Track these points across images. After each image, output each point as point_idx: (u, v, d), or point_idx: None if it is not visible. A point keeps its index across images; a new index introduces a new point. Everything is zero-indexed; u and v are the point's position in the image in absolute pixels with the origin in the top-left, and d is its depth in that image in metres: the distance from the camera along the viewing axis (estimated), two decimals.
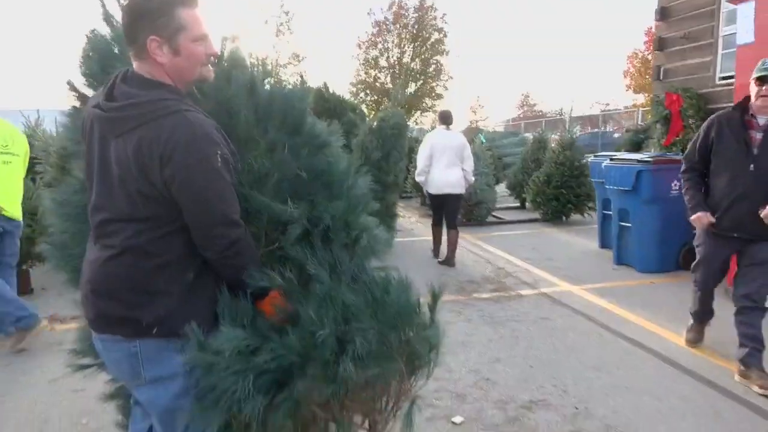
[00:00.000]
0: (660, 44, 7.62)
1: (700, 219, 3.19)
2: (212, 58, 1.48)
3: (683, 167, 3.38)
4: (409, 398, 1.61)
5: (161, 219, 1.40)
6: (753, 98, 3.05)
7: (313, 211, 1.51)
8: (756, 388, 2.95)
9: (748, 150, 3.04)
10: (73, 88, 1.74)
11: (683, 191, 3.35)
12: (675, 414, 2.80)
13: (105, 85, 1.47)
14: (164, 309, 1.41)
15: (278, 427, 1.30)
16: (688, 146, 3.39)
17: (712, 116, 3.25)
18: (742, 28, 4.53)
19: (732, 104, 3.33)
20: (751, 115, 3.07)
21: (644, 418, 2.76)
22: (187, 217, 1.39)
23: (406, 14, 25.77)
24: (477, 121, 30.67)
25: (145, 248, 1.40)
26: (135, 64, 1.44)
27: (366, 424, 1.61)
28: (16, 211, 3.89)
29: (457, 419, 2.76)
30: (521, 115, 42.63)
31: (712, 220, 3.14)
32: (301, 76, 15.65)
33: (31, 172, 6.11)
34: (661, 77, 7.63)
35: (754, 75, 3.03)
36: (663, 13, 7.50)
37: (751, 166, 3.02)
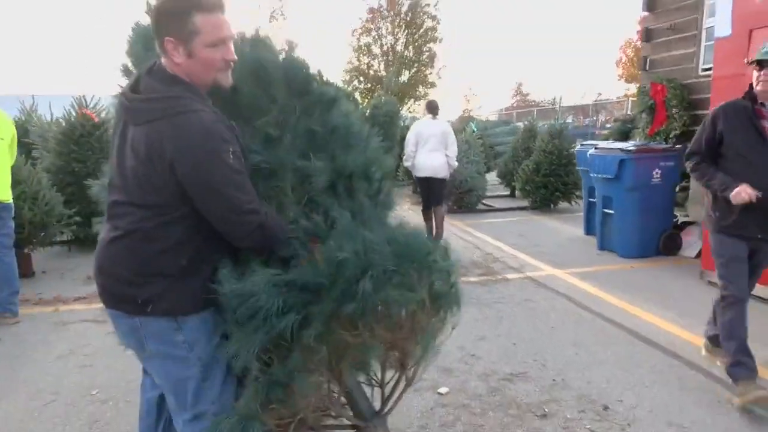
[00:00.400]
0: (647, 35, 7.78)
1: (746, 190, 2.68)
2: (231, 63, 1.51)
3: (693, 162, 2.98)
4: (436, 339, 1.71)
5: (166, 207, 1.47)
6: (754, 84, 2.78)
7: (334, 163, 1.62)
8: (719, 363, 3.17)
9: (764, 142, 2.76)
10: (126, 71, 1.85)
11: (704, 181, 2.90)
12: (643, 384, 3.02)
13: (134, 75, 1.59)
14: (158, 289, 1.51)
15: (313, 351, 1.44)
16: (691, 142, 3.03)
17: (717, 107, 2.94)
18: (721, 20, 4.71)
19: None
20: (761, 103, 2.79)
21: (615, 388, 2.98)
22: (206, 212, 1.47)
23: (400, 0, 25.71)
24: (470, 110, 30.78)
25: (148, 233, 1.49)
26: (161, 59, 1.52)
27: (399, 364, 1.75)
28: (3, 194, 3.92)
29: (443, 390, 2.97)
30: (514, 104, 42.73)
31: (758, 193, 2.68)
32: None
33: (30, 158, 6.23)
34: (648, 68, 7.79)
35: (754, 58, 2.79)
36: (650, 5, 7.65)
37: None
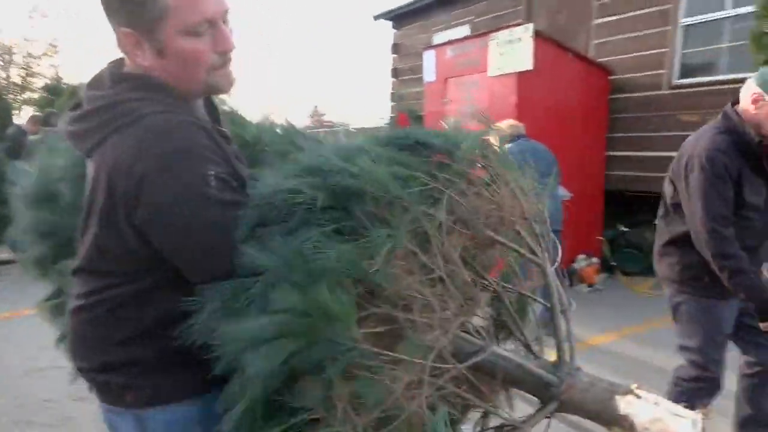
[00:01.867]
0: (395, 73, 9.28)
1: None
2: (229, 56, 1.00)
3: (720, 240, 2.02)
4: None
5: (131, 274, 0.99)
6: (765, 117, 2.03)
7: None
8: None
9: None
10: None
11: (735, 281, 2.01)
12: None
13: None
14: (131, 379, 1.01)
15: None
16: (708, 206, 2.03)
17: (709, 150, 2.04)
18: (427, 69, 6.04)
19: None
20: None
21: None
22: (181, 264, 0.96)
23: None
24: None
25: (106, 309, 1.00)
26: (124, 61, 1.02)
27: None
28: None
29: None
30: (310, 125, 44.42)
31: None
32: (57, 71, 14.32)
33: None
34: (397, 100, 9.29)
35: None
36: (396, 49, 9.16)
37: None
